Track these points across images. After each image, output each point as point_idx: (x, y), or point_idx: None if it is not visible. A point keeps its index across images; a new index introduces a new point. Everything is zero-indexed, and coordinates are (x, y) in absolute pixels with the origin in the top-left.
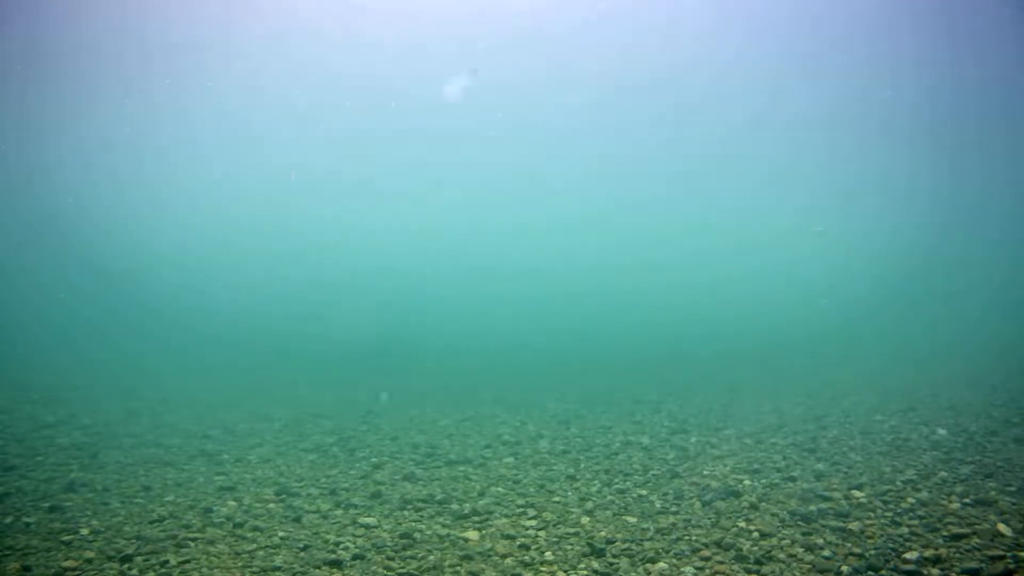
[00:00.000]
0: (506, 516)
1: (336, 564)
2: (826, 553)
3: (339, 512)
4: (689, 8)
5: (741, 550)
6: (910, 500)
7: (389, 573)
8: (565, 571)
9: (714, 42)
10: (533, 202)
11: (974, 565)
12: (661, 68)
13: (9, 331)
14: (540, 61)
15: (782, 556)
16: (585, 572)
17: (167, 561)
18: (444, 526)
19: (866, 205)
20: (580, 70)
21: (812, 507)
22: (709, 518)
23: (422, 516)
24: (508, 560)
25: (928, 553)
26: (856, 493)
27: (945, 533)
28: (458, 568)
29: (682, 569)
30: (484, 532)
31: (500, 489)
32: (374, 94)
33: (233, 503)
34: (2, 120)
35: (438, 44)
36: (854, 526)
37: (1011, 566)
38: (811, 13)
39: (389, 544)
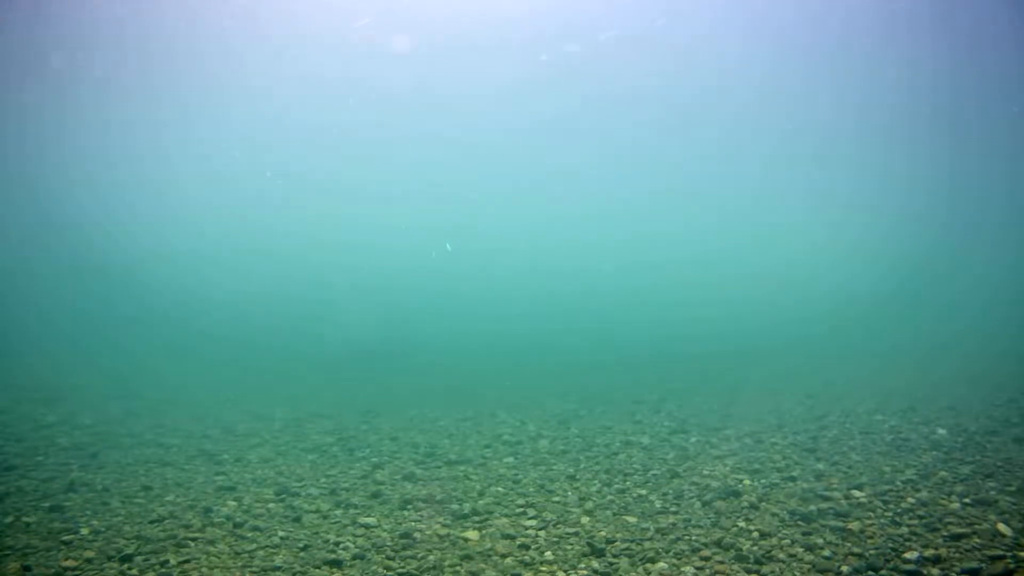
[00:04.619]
0: (506, 516)
1: (336, 564)
2: (826, 553)
3: (339, 512)
4: (686, 11)
5: (741, 550)
6: (910, 500)
7: (389, 573)
8: (565, 571)
9: (712, 45)
10: (533, 203)
11: (974, 565)
12: (659, 71)
13: (9, 331)
14: (539, 63)
15: (782, 556)
16: (585, 572)
17: (167, 561)
18: (444, 526)
19: (866, 204)
20: (578, 73)
21: (812, 507)
22: (709, 518)
23: (422, 516)
24: (508, 560)
25: (928, 553)
26: (856, 493)
27: (945, 533)
28: (458, 568)
29: (682, 569)
30: (484, 532)
31: (500, 489)
32: (374, 96)
33: (233, 503)
34: (2, 120)
35: (436, 47)
36: (854, 526)
37: (1011, 566)
38: (810, 15)
39: (389, 544)
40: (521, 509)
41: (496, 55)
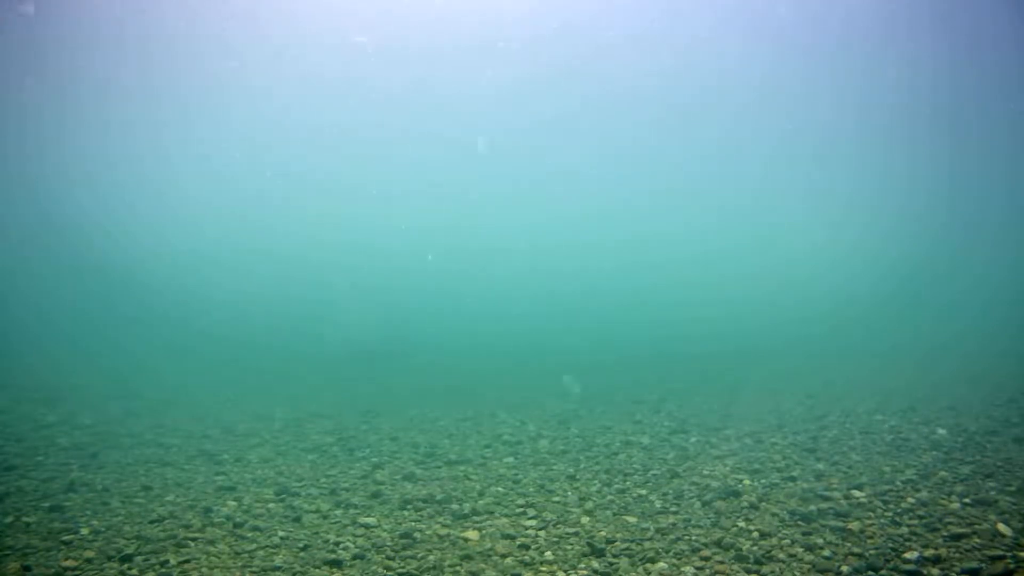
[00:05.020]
0: (506, 516)
1: (336, 564)
2: (826, 553)
3: (339, 512)
4: (686, 11)
5: (741, 550)
6: (910, 500)
7: (389, 573)
8: (565, 571)
9: (712, 45)
10: (532, 202)
11: (974, 565)
12: (658, 71)
13: (9, 331)
14: (538, 62)
15: (782, 556)
16: (585, 572)
17: (167, 561)
18: (444, 526)
19: (865, 204)
20: (576, 73)
21: (812, 507)
22: (709, 518)
23: (422, 516)
24: (508, 560)
25: (928, 553)
26: (856, 493)
27: (945, 533)
28: (458, 568)
29: (682, 569)
30: (484, 532)
31: (500, 489)
32: (373, 96)
33: (233, 503)
34: (2, 121)
35: (436, 47)
36: (854, 526)
37: (1011, 566)
38: (810, 15)
39: (389, 544)
40: (521, 509)
41: (496, 55)
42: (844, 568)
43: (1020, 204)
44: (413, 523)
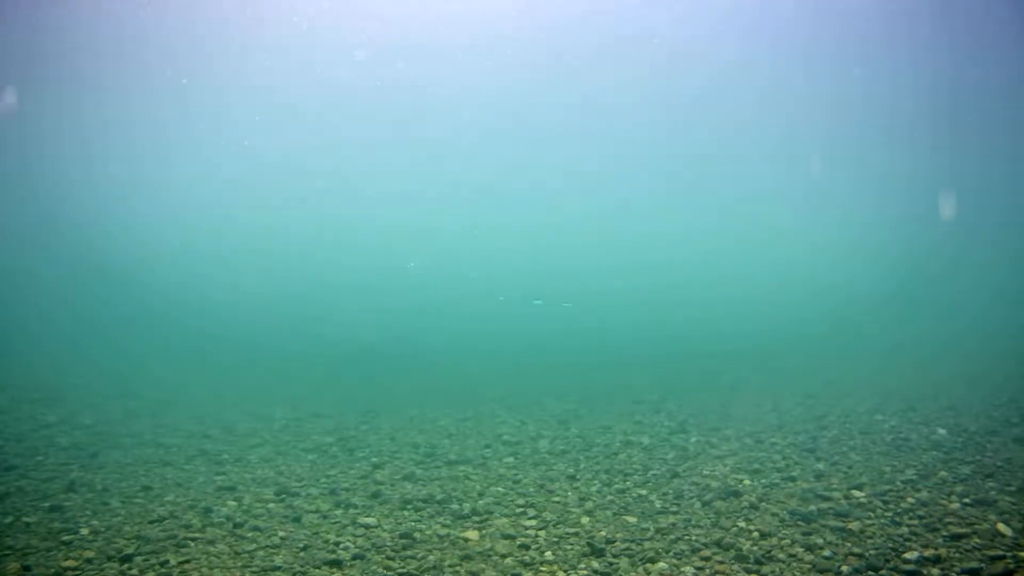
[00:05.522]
0: (506, 516)
1: (336, 564)
2: (826, 553)
3: (339, 512)
4: (686, 11)
5: (741, 550)
6: (910, 500)
7: (389, 573)
8: (565, 571)
9: (711, 45)
10: (532, 202)
11: (974, 565)
12: (659, 71)
13: (9, 331)
14: (538, 60)
15: (782, 556)
16: (585, 572)
17: (167, 561)
18: (444, 526)
19: (865, 204)
20: (576, 70)
21: (812, 507)
22: (709, 518)
23: (422, 516)
24: (508, 560)
25: (928, 553)
26: (856, 493)
27: (945, 533)
28: (458, 568)
29: (682, 569)
30: (484, 532)
31: (500, 489)
32: (372, 95)
33: (233, 503)
34: (2, 120)
35: (434, 46)
36: (854, 526)
37: (1011, 566)
38: (809, 14)
39: (389, 544)
40: (521, 509)
41: (495, 55)
42: (844, 568)
43: (1020, 204)
44: (413, 523)
